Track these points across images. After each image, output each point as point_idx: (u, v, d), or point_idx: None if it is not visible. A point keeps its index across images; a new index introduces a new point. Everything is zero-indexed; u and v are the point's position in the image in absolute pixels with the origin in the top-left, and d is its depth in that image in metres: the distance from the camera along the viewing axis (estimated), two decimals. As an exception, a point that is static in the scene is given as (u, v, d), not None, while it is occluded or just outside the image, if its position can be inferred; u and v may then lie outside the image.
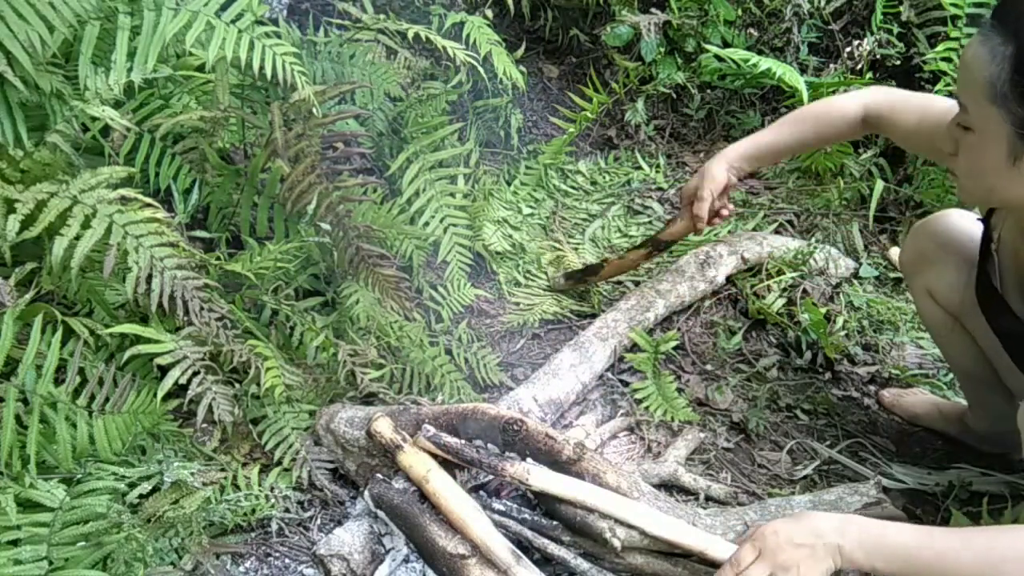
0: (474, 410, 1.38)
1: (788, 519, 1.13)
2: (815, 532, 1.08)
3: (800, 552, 1.08)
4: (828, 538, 1.08)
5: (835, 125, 1.57)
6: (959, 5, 2.32)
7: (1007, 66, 1.02)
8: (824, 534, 1.08)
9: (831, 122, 1.57)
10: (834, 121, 1.57)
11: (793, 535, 1.09)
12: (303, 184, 1.48)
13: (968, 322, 1.49)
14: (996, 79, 1.03)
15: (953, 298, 1.48)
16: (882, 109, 1.51)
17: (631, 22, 2.59)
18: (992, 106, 1.05)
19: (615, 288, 2.18)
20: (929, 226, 1.53)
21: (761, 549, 1.11)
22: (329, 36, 1.98)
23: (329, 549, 1.30)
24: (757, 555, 1.11)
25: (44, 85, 1.36)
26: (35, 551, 1.10)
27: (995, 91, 1.04)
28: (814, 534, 1.08)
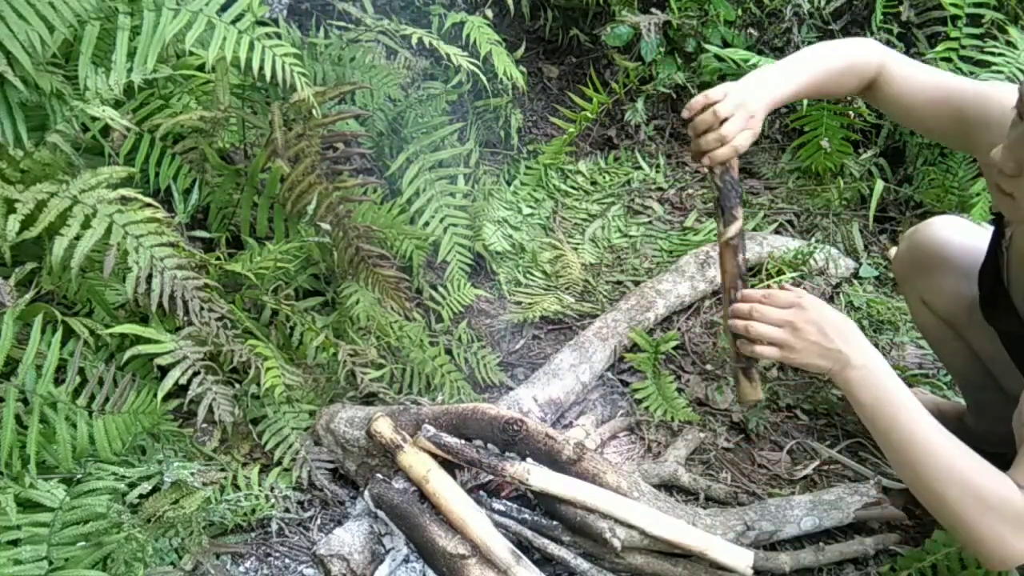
0: (474, 410, 1.38)
1: (835, 312, 1.15)
2: (847, 337, 1.12)
3: (818, 338, 1.11)
4: (851, 349, 1.11)
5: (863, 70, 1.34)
6: (959, 5, 2.32)
7: None
8: (849, 343, 1.11)
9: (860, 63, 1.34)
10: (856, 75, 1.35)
11: (828, 323, 1.12)
12: (303, 184, 1.48)
13: (962, 329, 1.49)
14: None
15: (947, 306, 1.47)
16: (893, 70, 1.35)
17: (631, 22, 2.59)
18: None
19: (615, 288, 2.18)
20: (922, 234, 1.51)
21: (795, 306, 1.13)
22: (329, 37, 1.98)
23: (329, 549, 1.30)
24: (787, 307, 1.13)
25: (44, 85, 1.36)
26: (35, 551, 1.10)
27: None
28: (844, 338, 1.11)
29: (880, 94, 1.36)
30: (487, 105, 2.40)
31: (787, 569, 1.38)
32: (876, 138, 2.57)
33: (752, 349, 1.16)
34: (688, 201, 2.57)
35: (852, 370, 1.11)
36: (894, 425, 1.10)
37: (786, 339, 1.13)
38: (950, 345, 1.55)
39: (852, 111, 2.43)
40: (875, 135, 2.57)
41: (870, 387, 1.11)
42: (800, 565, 1.40)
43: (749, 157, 2.76)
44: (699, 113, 1.18)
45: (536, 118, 2.77)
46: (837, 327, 1.12)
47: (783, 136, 2.76)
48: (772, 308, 1.15)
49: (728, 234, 1.23)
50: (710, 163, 1.20)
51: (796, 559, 1.40)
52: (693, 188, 2.62)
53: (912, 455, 1.09)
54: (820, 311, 1.13)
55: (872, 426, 1.13)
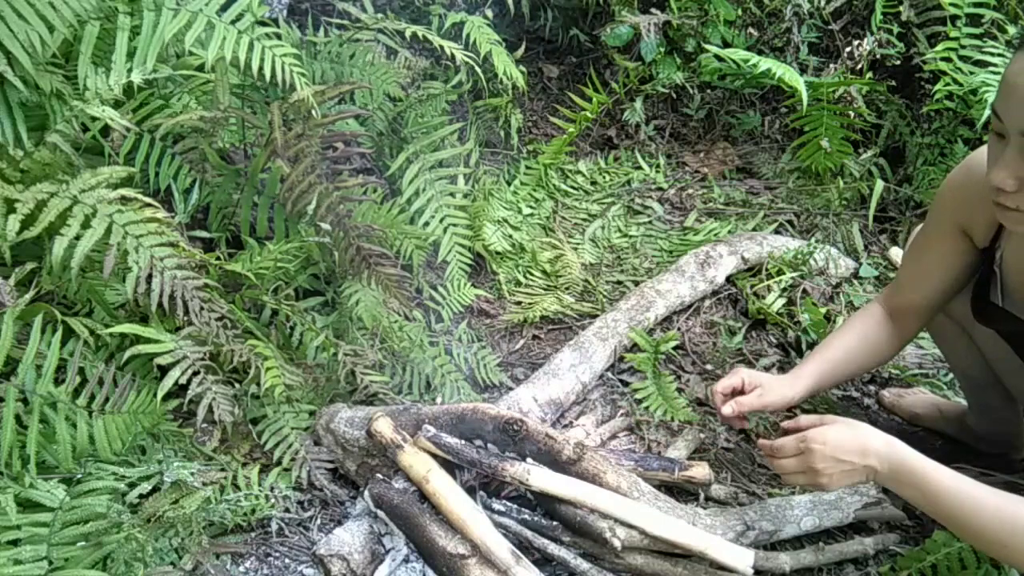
0: (474, 410, 1.38)
1: (841, 428, 1.21)
2: (862, 451, 1.17)
3: (839, 467, 1.17)
4: (869, 460, 1.16)
5: (878, 339, 1.46)
6: (959, 5, 2.32)
7: None
8: (868, 454, 1.16)
9: (873, 336, 1.46)
10: (874, 334, 1.46)
11: (839, 451, 1.17)
12: (303, 184, 1.48)
13: (969, 327, 1.49)
14: None
15: (957, 305, 1.47)
16: (891, 301, 1.47)
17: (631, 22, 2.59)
18: None
19: (615, 288, 2.18)
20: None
21: (804, 451, 1.19)
22: (329, 36, 1.98)
23: (329, 549, 1.30)
24: (798, 453, 1.20)
25: (44, 85, 1.36)
26: (35, 551, 1.10)
27: None
28: (860, 453, 1.17)
29: (910, 309, 1.45)
30: (487, 105, 2.40)
31: (787, 569, 1.38)
32: (876, 138, 2.57)
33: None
34: (688, 201, 2.57)
35: (882, 475, 1.17)
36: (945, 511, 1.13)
37: (812, 481, 1.20)
38: (956, 343, 1.55)
39: (852, 111, 2.43)
40: (875, 135, 2.58)
41: (905, 484, 1.16)
42: (800, 565, 1.40)
43: (749, 157, 2.76)
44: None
45: (536, 118, 2.77)
46: (849, 448, 1.18)
47: (783, 136, 2.76)
48: (786, 461, 1.22)
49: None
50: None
51: (796, 559, 1.40)
52: (693, 188, 2.62)
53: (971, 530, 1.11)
54: (828, 443, 1.18)
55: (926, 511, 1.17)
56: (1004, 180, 1.07)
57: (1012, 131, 1.04)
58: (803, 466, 1.20)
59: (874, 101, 2.55)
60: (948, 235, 1.37)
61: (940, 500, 1.12)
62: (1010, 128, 1.04)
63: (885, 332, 1.47)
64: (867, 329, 1.47)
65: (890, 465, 1.16)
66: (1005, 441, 1.68)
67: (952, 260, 1.38)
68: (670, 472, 1.45)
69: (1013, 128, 1.03)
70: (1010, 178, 1.06)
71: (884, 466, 1.16)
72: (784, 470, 1.23)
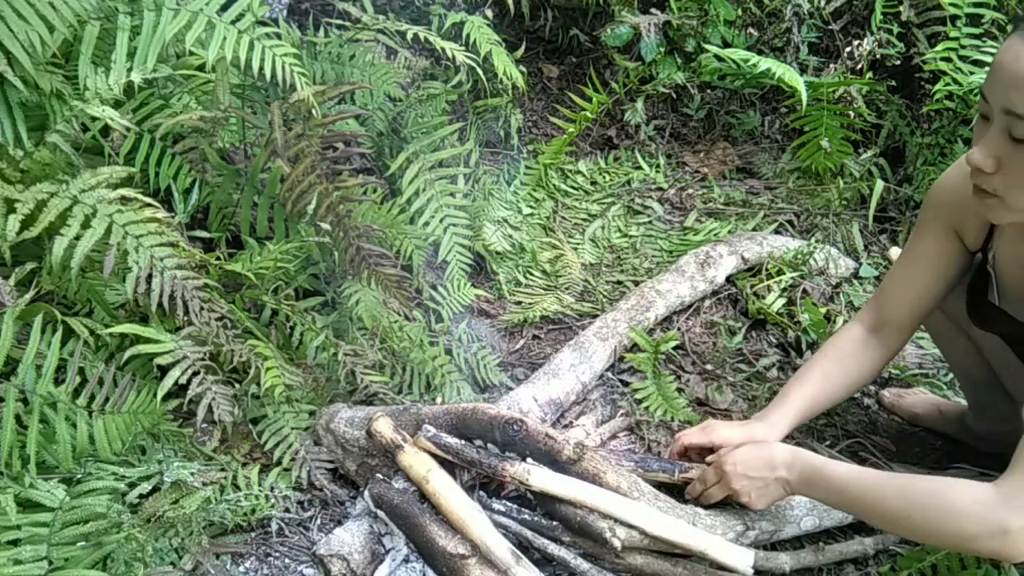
0: (474, 410, 1.38)
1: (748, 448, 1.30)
2: (769, 465, 1.25)
3: (753, 484, 1.27)
4: (779, 472, 1.25)
5: (858, 362, 1.45)
6: (959, 5, 2.32)
7: None
8: (776, 467, 1.25)
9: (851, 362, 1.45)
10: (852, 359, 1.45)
11: (749, 468, 1.27)
12: (303, 184, 1.48)
13: (970, 327, 1.49)
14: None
15: (954, 303, 1.47)
16: (872, 313, 1.46)
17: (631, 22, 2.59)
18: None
19: (615, 288, 2.18)
20: None
21: (721, 476, 1.30)
22: (329, 36, 1.98)
23: (329, 549, 1.30)
24: (718, 479, 1.30)
25: (44, 85, 1.36)
26: (35, 551, 1.10)
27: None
28: (768, 467, 1.25)
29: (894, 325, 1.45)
30: (487, 105, 2.40)
31: (787, 569, 1.38)
32: (876, 138, 2.57)
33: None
34: (688, 201, 2.57)
35: (795, 484, 1.25)
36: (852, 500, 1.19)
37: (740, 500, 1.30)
38: (956, 343, 1.55)
39: (852, 111, 2.43)
40: (875, 135, 2.58)
41: (815, 487, 1.23)
42: (800, 565, 1.40)
43: (749, 157, 2.76)
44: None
45: (536, 118, 2.77)
46: (758, 464, 1.27)
47: (783, 136, 2.76)
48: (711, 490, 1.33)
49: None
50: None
51: (796, 559, 1.40)
52: (693, 188, 2.62)
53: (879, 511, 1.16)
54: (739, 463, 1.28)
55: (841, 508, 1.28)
56: (984, 159, 1.06)
57: (996, 109, 1.04)
58: (725, 490, 1.29)
59: (874, 101, 2.55)
60: (940, 238, 1.37)
61: (846, 493, 1.18)
62: (994, 106, 1.04)
63: (867, 352, 1.45)
64: (846, 353, 1.45)
65: (798, 472, 1.22)
66: (1005, 441, 1.67)
67: (943, 263, 1.38)
68: (670, 474, 1.45)
69: (997, 106, 1.03)
70: (990, 157, 1.06)
71: (793, 474, 1.22)
72: (711, 499, 1.33)
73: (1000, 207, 1.11)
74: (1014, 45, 1.00)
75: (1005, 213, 1.12)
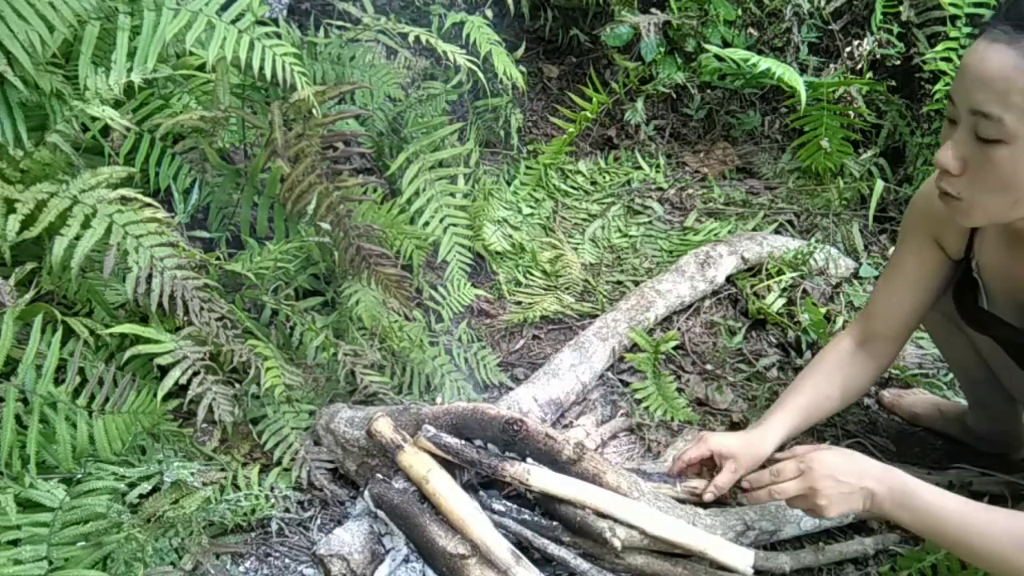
0: (474, 410, 1.38)
1: (837, 452, 1.21)
2: (859, 473, 1.17)
3: (839, 488, 1.16)
4: (866, 482, 1.15)
5: (848, 375, 1.46)
6: (959, 5, 2.32)
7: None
8: (865, 477, 1.16)
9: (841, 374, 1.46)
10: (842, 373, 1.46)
11: (838, 471, 1.17)
12: (303, 184, 1.48)
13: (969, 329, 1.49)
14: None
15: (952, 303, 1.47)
16: (861, 327, 1.47)
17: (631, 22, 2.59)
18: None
19: (615, 288, 2.18)
20: None
21: (804, 471, 1.19)
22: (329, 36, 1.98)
23: (329, 549, 1.30)
24: (798, 475, 1.20)
25: (44, 85, 1.36)
26: (35, 551, 1.10)
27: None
28: (857, 475, 1.16)
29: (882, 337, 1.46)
30: (487, 105, 2.40)
31: (787, 569, 1.38)
32: (876, 138, 2.57)
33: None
34: (688, 201, 2.57)
35: (880, 498, 1.15)
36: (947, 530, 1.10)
37: (812, 504, 1.19)
38: (955, 342, 1.55)
39: (852, 111, 2.43)
40: (875, 135, 2.58)
41: (902, 507, 1.14)
42: (800, 565, 1.40)
43: (749, 157, 2.76)
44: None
45: (536, 118, 2.77)
46: (847, 468, 1.18)
47: (783, 136, 2.76)
48: (786, 484, 1.22)
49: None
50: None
51: (796, 559, 1.40)
52: (693, 188, 2.62)
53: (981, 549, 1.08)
54: (826, 464, 1.19)
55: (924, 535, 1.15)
56: (949, 160, 1.07)
57: (962, 110, 1.04)
58: (803, 487, 1.19)
59: (874, 101, 2.55)
60: (922, 249, 1.38)
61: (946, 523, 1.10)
62: (960, 108, 1.05)
63: (858, 364, 1.46)
64: (835, 366, 1.46)
65: (889, 488, 1.15)
66: (1005, 441, 1.68)
67: (926, 274, 1.40)
68: (671, 486, 1.44)
69: (963, 107, 1.04)
70: (956, 159, 1.07)
71: (882, 488, 1.15)
72: (784, 493, 1.22)
73: (965, 209, 1.12)
74: (979, 47, 1.01)
75: (972, 215, 1.13)
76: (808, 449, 1.25)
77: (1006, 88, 0.98)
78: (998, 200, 1.08)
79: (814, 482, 1.18)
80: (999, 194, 1.07)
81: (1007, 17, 1.00)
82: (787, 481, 1.22)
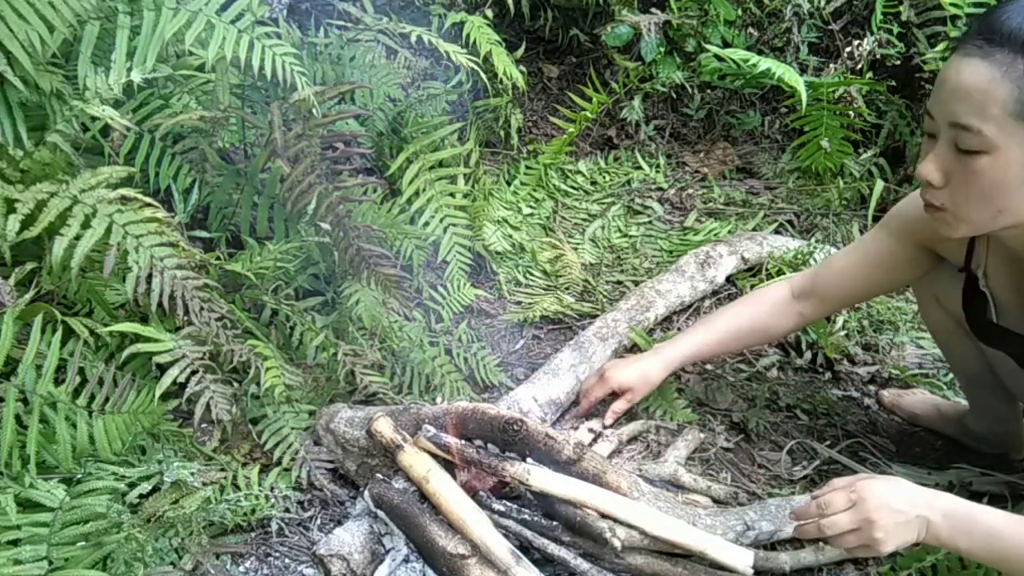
0: (474, 410, 1.38)
1: (884, 479, 1.14)
2: (911, 501, 1.10)
3: (894, 518, 1.08)
4: (920, 510, 1.09)
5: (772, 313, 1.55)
6: (959, 5, 2.32)
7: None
8: (918, 505, 1.09)
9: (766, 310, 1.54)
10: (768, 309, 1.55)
11: (891, 500, 1.10)
12: (303, 184, 1.48)
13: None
14: (1021, 96, 0.99)
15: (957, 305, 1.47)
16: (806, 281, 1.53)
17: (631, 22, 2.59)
18: (1019, 122, 1.00)
19: (615, 288, 2.18)
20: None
21: (856, 501, 1.10)
22: (329, 37, 1.98)
23: (329, 549, 1.30)
24: (850, 506, 1.11)
25: (44, 85, 1.36)
26: (35, 551, 1.10)
27: (1021, 107, 0.99)
28: (910, 503, 1.09)
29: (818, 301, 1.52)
30: (487, 105, 2.40)
31: (787, 569, 1.38)
32: (876, 138, 2.57)
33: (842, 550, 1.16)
34: (688, 201, 2.57)
35: (935, 527, 1.09)
36: (1002, 552, 1.06)
37: (868, 537, 1.09)
38: (958, 344, 1.55)
39: (852, 111, 2.43)
40: (875, 135, 2.58)
41: (960, 533, 1.08)
42: (800, 565, 1.40)
43: (749, 157, 2.76)
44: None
45: (536, 118, 2.77)
46: (900, 496, 1.10)
47: (783, 136, 2.76)
48: (837, 517, 1.11)
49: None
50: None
51: (796, 559, 1.40)
52: (693, 188, 2.63)
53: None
54: (879, 493, 1.10)
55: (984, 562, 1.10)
56: (931, 172, 1.09)
57: (941, 124, 1.07)
58: (857, 520, 1.09)
59: (874, 101, 2.55)
60: (906, 248, 1.42)
61: (1002, 541, 1.05)
62: (939, 121, 1.07)
63: (786, 315, 1.52)
64: (765, 308, 1.51)
65: (944, 514, 1.09)
66: (1005, 441, 1.68)
67: (898, 268, 1.44)
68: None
69: (942, 120, 1.06)
70: (937, 171, 1.09)
71: (937, 515, 1.08)
72: (837, 527, 1.10)
73: (950, 220, 1.14)
74: (955, 61, 1.04)
75: (956, 226, 1.14)
76: (850, 480, 1.15)
77: (983, 100, 1.01)
78: (981, 210, 1.10)
79: (869, 513, 1.08)
80: (982, 204, 1.09)
81: (979, 32, 1.02)
82: (838, 513, 1.11)
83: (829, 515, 1.12)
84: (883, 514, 1.08)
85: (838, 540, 1.11)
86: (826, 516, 1.12)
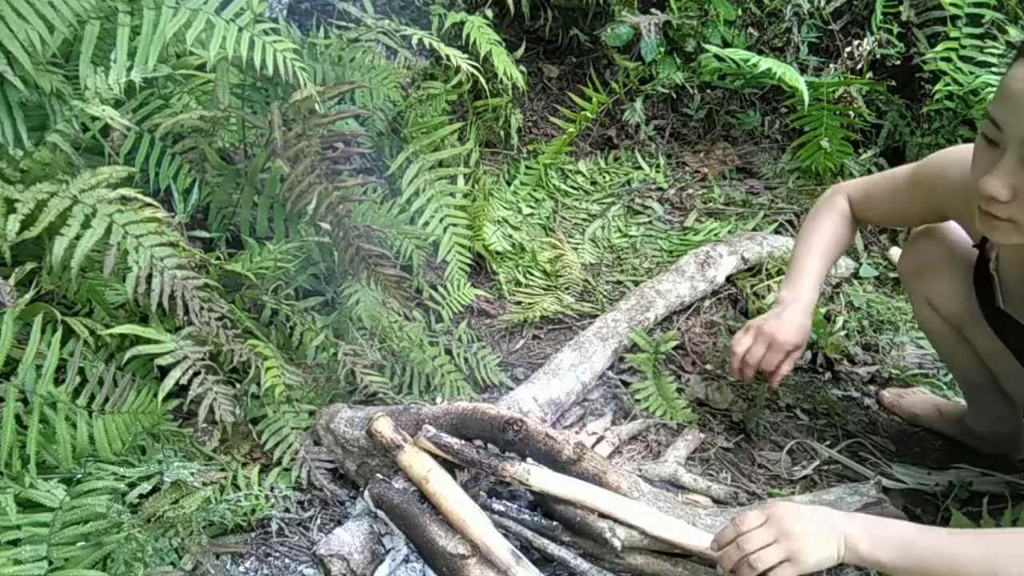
0: (474, 410, 1.38)
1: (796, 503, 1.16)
2: (823, 516, 1.10)
3: (810, 528, 1.08)
4: (836, 524, 1.08)
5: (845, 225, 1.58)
6: (959, 5, 2.32)
7: None
8: (832, 520, 1.09)
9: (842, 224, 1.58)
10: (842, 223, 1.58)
11: (804, 514, 1.10)
12: (303, 184, 1.48)
13: (968, 331, 1.49)
14: None
15: (953, 307, 1.47)
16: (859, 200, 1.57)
17: (631, 22, 2.59)
18: None
19: (615, 288, 2.18)
20: (929, 234, 1.51)
21: (769, 517, 1.11)
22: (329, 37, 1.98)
23: (329, 549, 1.30)
24: (764, 521, 1.11)
25: (44, 85, 1.36)
26: (35, 551, 1.10)
27: None
28: (823, 518, 1.10)
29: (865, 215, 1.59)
30: (487, 105, 2.40)
31: (787, 569, 1.38)
32: (876, 138, 2.57)
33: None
34: (688, 201, 2.57)
35: (853, 539, 1.07)
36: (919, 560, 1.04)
37: (787, 550, 1.08)
38: (954, 346, 1.55)
39: (852, 111, 2.43)
40: (875, 135, 2.58)
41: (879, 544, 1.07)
42: (800, 565, 1.40)
43: (749, 157, 2.76)
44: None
45: (536, 118, 2.77)
46: (811, 512, 1.11)
47: (783, 136, 2.76)
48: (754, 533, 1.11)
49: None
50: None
51: (796, 559, 1.40)
52: (693, 188, 2.62)
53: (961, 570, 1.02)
54: (791, 508, 1.11)
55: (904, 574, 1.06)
56: (999, 189, 1.05)
57: (1011, 139, 1.02)
58: (774, 533, 1.09)
59: (874, 101, 2.55)
60: (927, 211, 1.46)
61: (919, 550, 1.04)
62: (1009, 137, 1.02)
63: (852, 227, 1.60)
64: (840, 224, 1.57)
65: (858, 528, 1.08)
66: (1005, 441, 1.68)
67: (919, 218, 1.51)
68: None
69: (1013, 137, 1.02)
70: (1005, 188, 1.04)
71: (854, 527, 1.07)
72: (753, 542, 1.10)
73: (1011, 231, 1.10)
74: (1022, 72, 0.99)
75: (1014, 236, 1.11)
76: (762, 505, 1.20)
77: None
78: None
79: (782, 523, 1.09)
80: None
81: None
82: (754, 529, 1.11)
83: (745, 531, 1.11)
84: (799, 526, 1.08)
85: (758, 558, 1.08)
86: (743, 534, 1.11)
